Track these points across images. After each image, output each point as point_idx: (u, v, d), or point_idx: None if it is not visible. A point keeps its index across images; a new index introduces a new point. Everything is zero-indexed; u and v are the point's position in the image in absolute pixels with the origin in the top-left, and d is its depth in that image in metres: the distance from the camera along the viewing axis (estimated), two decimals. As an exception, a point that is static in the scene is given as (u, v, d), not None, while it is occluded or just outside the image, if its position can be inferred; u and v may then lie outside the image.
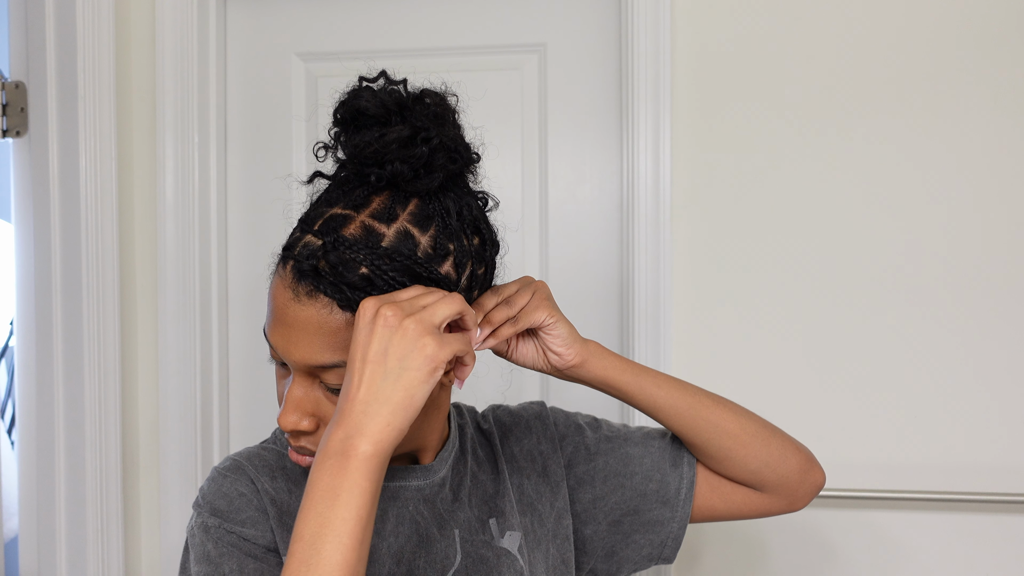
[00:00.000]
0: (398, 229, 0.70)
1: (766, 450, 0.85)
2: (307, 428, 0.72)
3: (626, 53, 1.43)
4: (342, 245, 0.68)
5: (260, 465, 0.81)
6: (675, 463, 0.88)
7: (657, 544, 0.89)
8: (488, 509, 0.84)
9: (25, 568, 1.48)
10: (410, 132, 0.70)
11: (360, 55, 1.55)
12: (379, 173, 0.70)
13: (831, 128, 1.41)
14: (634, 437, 0.91)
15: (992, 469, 1.39)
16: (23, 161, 1.45)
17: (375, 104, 0.70)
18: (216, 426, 1.57)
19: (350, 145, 0.71)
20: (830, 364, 1.41)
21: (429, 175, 0.71)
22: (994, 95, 1.37)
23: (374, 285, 0.68)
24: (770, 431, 0.87)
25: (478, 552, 0.81)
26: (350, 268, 0.68)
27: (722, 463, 0.86)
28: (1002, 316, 1.38)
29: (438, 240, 0.71)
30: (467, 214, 0.74)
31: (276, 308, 0.71)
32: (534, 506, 0.87)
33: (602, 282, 1.51)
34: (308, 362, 0.70)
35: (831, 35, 1.41)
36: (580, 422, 0.93)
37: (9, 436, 2.61)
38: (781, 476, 0.86)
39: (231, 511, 0.76)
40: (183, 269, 1.52)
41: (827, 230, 1.41)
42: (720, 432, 0.84)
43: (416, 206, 0.71)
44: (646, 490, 0.88)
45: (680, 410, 0.84)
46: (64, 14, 1.41)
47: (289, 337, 0.70)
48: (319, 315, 0.69)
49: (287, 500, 0.79)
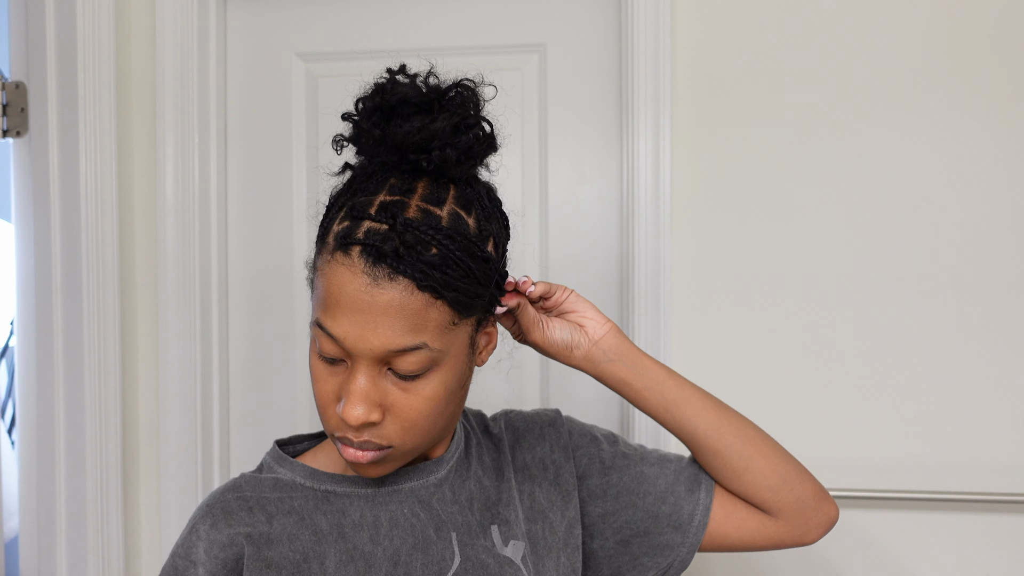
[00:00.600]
0: (450, 211, 0.72)
1: (785, 466, 0.85)
2: (377, 419, 0.72)
3: (626, 53, 1.43)
4: (412, 227, 0.69)
5: (234, 500, 0.80)
6: (691, 488, 0.87)
7: (662, 567, 0.87)
8: (490, 516, 0.83)
9: (25, 568, 1.48)
10: (459, 121, 0.73)
11: (360, 55, 1.55)
12: (428, 159, 0.72)
13: (831, 127, 1.41)
14: (650, 457, 0.89)
15: (992, 469, 1.39)
16: (23, 161, 1.45)
17: (417, 93, 0.72)
18: (216, 426, 1.57)
19: (395, 134, 0.72)
20: (830, 364, 1.41)
21: (470, 160, 0.74)
22: (994, 96, 1.37)
23: (446, 264, 0.70)
24: (785, 451, 0.86)
25: (478, 557, 0.80)
26: (426, 247, 0.69)
27: (742, 476, 0.84)
28: (1002, 316, 1.38)
29: (481, 222, 0.74)
30: (490, 201, 0.78)
31: (347, 297, 0.69)
32: (545, 514, 0.85)
33: (602, 282, 1.51)
34: (388, 347, 0.69)
35: (832, 35, 1.41)
36: (596, 434, 0.91)
37: (9, 436, 2.61)
38: (798, 498, 0.85)
39: (213, 552, 0.78)
40: (183, 269, 1.52)
41: (827, 230, 1.41)
42: (744, 439, 0.84)
43: (456, 191, 0.74)
44: (658, 512, 0.86)
45: (705, 409, 0.84)
46: (64, 14, 1.41)
47: (367, 323, 0.69)
48: (401, 297, 0.69)
49: (266, 531, 0.78)
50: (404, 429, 0.73)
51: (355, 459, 0.73)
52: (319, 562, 0.76)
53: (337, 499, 0.79)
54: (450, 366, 0.73)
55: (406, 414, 0.73)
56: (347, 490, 0.80)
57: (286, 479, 0.81)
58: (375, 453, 0.73)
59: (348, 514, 0.79)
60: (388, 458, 0.75)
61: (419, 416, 0.73)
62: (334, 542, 0.77)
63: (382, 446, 0.73)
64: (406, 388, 0.72)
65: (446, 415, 0.76)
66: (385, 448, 0.73)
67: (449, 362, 0.73)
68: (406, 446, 0.74)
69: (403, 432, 0.73)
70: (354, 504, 0.79)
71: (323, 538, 0.77)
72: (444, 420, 0.76)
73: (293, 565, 0.76)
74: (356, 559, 0.77)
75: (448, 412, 0.76)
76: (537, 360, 1.53)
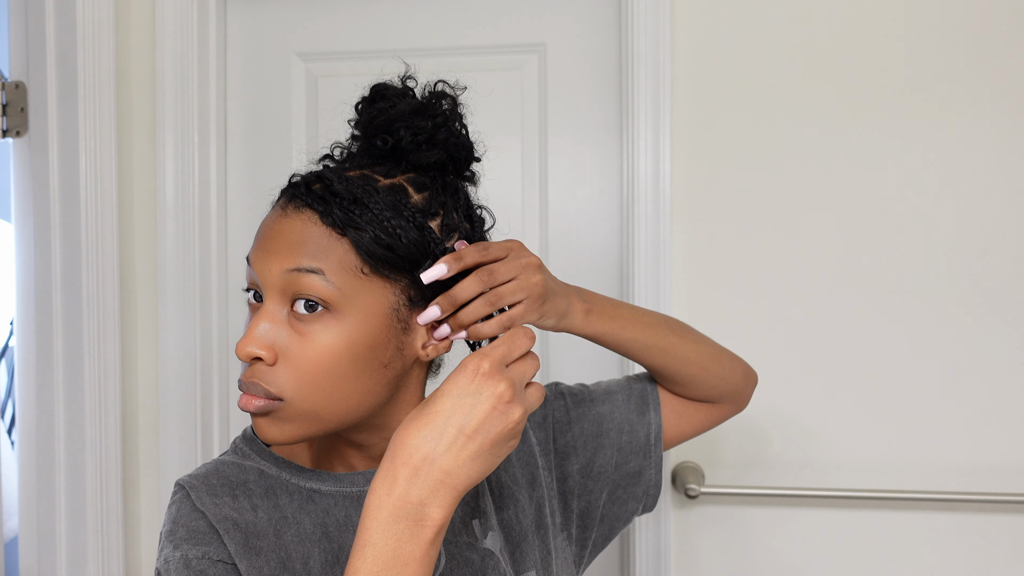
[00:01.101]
0: (394, 183, 0.73)
1: (720, 367, 0.91)
2: (266, 357, 0.69)
3: (626, 53, 1.43)
4: (336, 173, 0.72)
5: (218, 484, 0.76)
6: (641, 411, 0.92)
7: (640, 495, 0.92)
8: (470, 510, 0.82)
9: (25, 568, 1.48)
10: (419, 105, 0.75)
11: (360, 55, 1.55)
12: (384, 138, 0.74)
13: (831, 127, 1.41)
14: (598, 395, 0.92)
15: (992, 469, 1.39)
16: (23, 161, 1.45)
17: (394, 87, 0.77)
18: (216, 426, 1.57)
19: (365, 114, 0.76)
20: (830, 363, 1.41)
21: (431, 148, 0.74)
22: (989, 99, 1.37)
23: (360, 208, 0.69)
24: (718, 348, 0.93)
25: (462, 554, 0.79)
26: (342, 185, 0.70)
27: (687, 387, 0.91)
28: (1000, 316, 1.38)
29: (430, 202, 0.74)
30: (463, 198, 0.77)
31: (262, 228, 0.73)
32: (515, 498, 0.85)
33: (602, 282, 1.51)
34: (287, 265, 0.69)
35: (830, 36, 1.41)
36: (547, 396, 0.91)
37: (9, 436, 2.61)
38: (733, 386, 0.93)
39: (208, 539, 0.72)
40: (183, 269, 1.52)
41: (827, 229, 1.41)
42: (686, 362, 0.89)
43: (416, 174, 0.75)
44: (620, 443, 0.90)
45: (651, 348, 0.87)
46: (64, 14, 1.41)
47: (270, 247, 0.70)
48: (303, 225, 0.70)
49: (252, 520, 0.74)
50: (296, 379, 0.69)
51: (245, 406, 0.70)
52: (303, 562, 0.74)
53: (321, 498, 0.77)
54: (356, 322, 0.69)
55: (299, 362, 0.69)
56: (332, 489, 0.78)
57: (271, 472, 0.79)
58: (264, 402, 0.69)
59: (332, 514, 0.77)
60: (282, 415, 0.70)
61: (313, 368, 0.69)
62: (318, 541, 0.75)
63: (271, 394, 0.69)
64: (302, 332, 0.69)
65: (355, 386, 0.71)
66: (275, 399, 0.69)
67: (354, 316, 0.69)
68: (300, 403, 0.69)
69: (295, 383, 0.69)
70: (339, 504, 0.77)
71: (307, 538, 0.75)
72: (354, 392, 0.71)
73: (279, 561, 0.74)
74: (341, 560, 0.75)
75: (359, 385, 0.71)
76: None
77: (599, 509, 0.90)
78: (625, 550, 1.49)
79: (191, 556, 0.71)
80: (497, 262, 0.74)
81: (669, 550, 1.44)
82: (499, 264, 0.74)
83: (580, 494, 0.89)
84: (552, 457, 0.89)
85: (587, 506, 0.89)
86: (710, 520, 1.45)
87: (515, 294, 0.74)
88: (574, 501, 0.89)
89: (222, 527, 0.73)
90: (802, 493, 1.38)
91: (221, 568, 0.71)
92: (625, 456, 0.90)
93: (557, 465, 0.89)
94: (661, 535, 1.43)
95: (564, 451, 0.89)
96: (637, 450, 0.90)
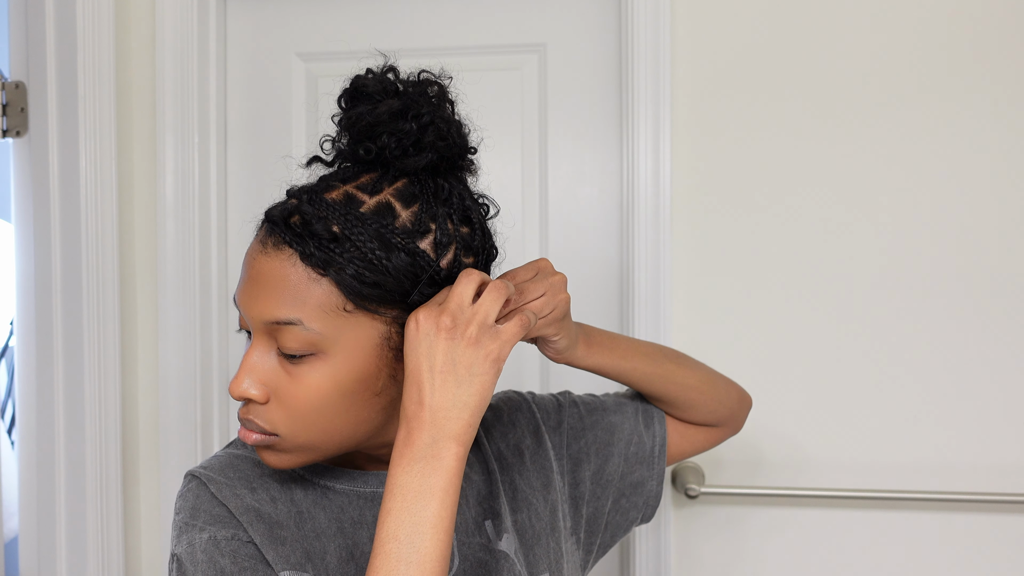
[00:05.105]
0: (380, 201, 0.70)
1: (716, 391, 0.94)
2: (257, 397, 0.70)
3: (626, 53, 1.43)
4: (318, 203, 0.69)
5: (236, 477, 0.76)
6: (647, 424, 0.93)
7: (640, 505, 0.93)
8: (483, 511, 0.82)
9: (25, 568, 1.48)
10: (401, 107, 0.71)
11: (360, 55, 1.53)
12: (368, 146, 0.71)
13: (831, 128, 1.41)
14: (610, 405, 0.94)
15: (994, 469, 1.39)
16: (23, 161, 1.45)
17: (374, 83, 0.73)
18: (216, 426, 1.57)
19: (346, 118, 0.73)
20: (831, 363, 1.41)
21: (418, 153, 0.71)
22: (995, 95, 1.37)
23: (341, 245, 0.67)
24: (715, 374, 0.95)
25: (476, 555, 0.79)
26: (322, 222, 0.68)
27: (687, 411, 0.93)
28: (1003, 315, 1.38)
29: (420, 217, 0.71)
30: (457, 202, 0.73)
31: (245, 263, 0.71)
32: (529, 500, 0.85)
33: (602, 282, 1.51)
34: (264, 316, 0.68)
35: (832, 35, 1.41)
36: (560, 401, 0.93)
37: (9, 436, 2.61)
38: (730, 409, 0.96)
39: (234, 523, 0.72)
40: (183, 269, 1.52)
41: (827, 230, 1.41)
42: (685, 387, 0.91)
43: (403, 184, 0.72)
44: (627, 453, 0.91)
45: (651, 376, 0.89)
46: (64, 14, 1.41)
47: (252, 289, 0.69)
48: (281, 266, 0.68)
49: (272, 511, 0.74)
50: (288, 417, 0.70)
51: (244, 439, 0.71)
52: (320, 557, 0.74)
53: (336, 496, 0.78)
54: (343, 360, 0.69)
55: (290, 402, 0.69)
56: (346, 488, 0.78)
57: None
58: (260, 436, 0.70)
59: (347, 511, 0.77)
60: (280, 448, 0.71)
61: (303, 406, 0.69)
62: (333, 537, 0.76)
63: (266, 431, 0.70)
64: (291, 373, 0.69)
65: (348, 418, 0.71)
66: (270, 435, 0.70)
67: (340, 354, 0.69)
68: (294, 438, 0.70)
69: (289, 421, 0.70)
70: (353, 503, 0.78)
71: (322, 533, 0.76)
72: (347, 423, 0.71)
73: (304, 552, 0.73)
74: (356, 556, 0.75)
75: (353, 416, 0.71)
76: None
77: (605, 516, 0.91)
78: (625, 550, 1.49)
79: (220, 536, 0.71)
80: (526, 282, 0.76)
81: (669, 550, 1.44)
82: (529, 283, 0.76)
83: (590, 500, 0.90)
84: (565, 462, 0.89)
85: (595, 512, 0.90)
86: (710, 520, 1.45)
87: (543, 310, 0.76)
88: (584, 506, 0.90)
89: (245, 518, 0.72)
90: (803, 493, 1.38)
91: (252, 549, 0.71)
92: (631, 466, 0.92)
93: (570, 470, 0.89)
94: (661, 535, 1.43)
95: (577, 457, 0.90)
96: (642, 460, 0.92)
